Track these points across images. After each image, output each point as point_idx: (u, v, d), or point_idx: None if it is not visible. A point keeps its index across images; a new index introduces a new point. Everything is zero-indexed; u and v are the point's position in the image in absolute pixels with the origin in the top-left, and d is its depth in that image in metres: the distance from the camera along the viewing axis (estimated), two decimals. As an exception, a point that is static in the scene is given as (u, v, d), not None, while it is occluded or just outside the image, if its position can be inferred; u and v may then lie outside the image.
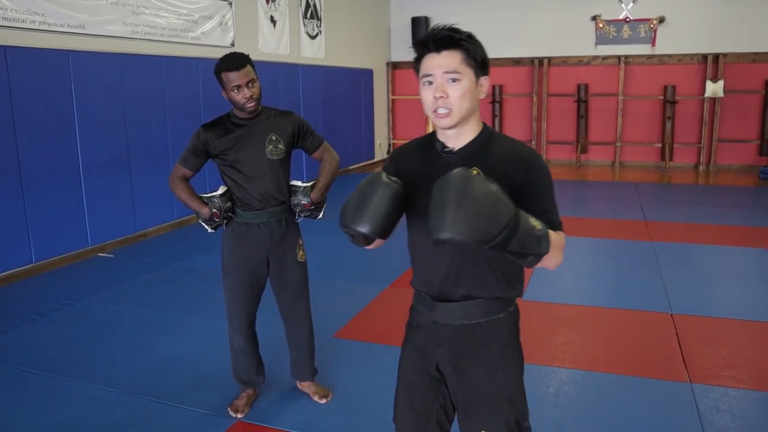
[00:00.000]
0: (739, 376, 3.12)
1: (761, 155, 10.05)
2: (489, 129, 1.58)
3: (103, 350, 3.55)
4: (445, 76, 1.46)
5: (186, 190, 2.67)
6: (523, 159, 1.50)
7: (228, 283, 2.73)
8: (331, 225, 2.83)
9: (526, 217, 1.33)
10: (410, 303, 1.82)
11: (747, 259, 5.21)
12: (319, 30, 9.37)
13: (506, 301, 1.59)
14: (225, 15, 7.11)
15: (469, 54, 1.47)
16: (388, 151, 12.18)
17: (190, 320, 3.95)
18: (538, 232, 1.33)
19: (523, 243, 1.32)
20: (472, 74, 1.48)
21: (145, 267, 5.14)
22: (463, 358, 1.59)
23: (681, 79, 10.26)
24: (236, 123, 2.61)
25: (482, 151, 1.53)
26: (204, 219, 2.64)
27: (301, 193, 2.70)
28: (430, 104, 1.50)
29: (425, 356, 1.65)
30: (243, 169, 2.59)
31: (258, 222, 2.64)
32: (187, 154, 2.65)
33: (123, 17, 5.70)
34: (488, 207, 1.26)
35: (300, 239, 2.79)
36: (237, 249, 2.68)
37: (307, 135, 2.74)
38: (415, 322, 1.71)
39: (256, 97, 2.54)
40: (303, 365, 2.91)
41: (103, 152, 5.51)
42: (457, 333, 1.59)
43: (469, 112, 1.50)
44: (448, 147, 1.55)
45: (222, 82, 2.51)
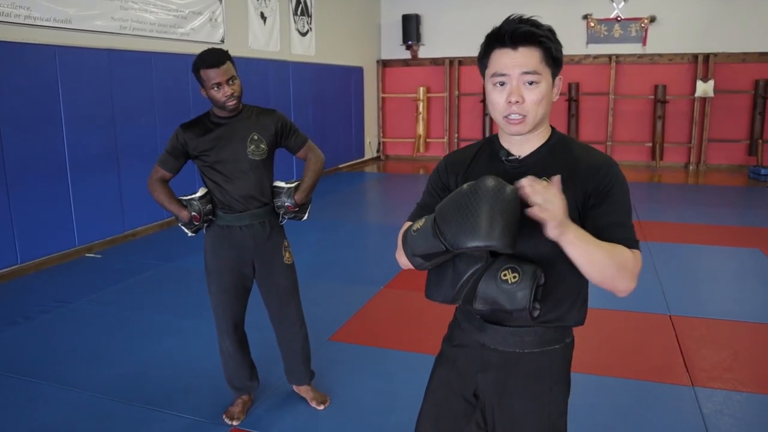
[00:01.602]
0: (741, 379, 3.09)
1: (750, 155, 10.10)
2: (558, 133, 1.41)
3: (90, 354, 3.45)
4: (522, 77, 1.29)
5: (165, 192, 2.57)
6: (598, 166, 1.33)
7: (213, 287, 2.64)
8: (319, 225, 2.77)
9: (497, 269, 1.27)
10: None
11: (741, 259, 5.20)
12: (309, 27, 9.27)
13: (565, 331, 1.45)
14: (215, 11, 7.00)
15: (549, 52, 1.30)
16: (378, 150, 12.11)
17: (181, 322, 3.86)
18: (508, 286, 1.25)
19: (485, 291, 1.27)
20: (550, 75, 1.32)
21: (134, 268, 5.03)
22: (510, 389, 1.44)
23: (672, 79, 10.28)
24: (216, 122, 2.52)
25: (552, 158, 1.37)
26: (183, 222, 2.55)
27: (285, 195, 2.61)
28: (501, 109, 1.32)
29: (464, 379, 1.50)
30: (224, 170, 2.50)
31: (240, 225, 2.55)
32: (165, 155, 2.56)
33: (111, 12, 5.58)
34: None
35: (285, 241, 2.70)
36: (220, 253, 2.59)
37: (291, 134, 2.65)
38: (457, 340, 1.53)
39: (238, 95, 2.44)
40: (298, 370, 2.83)
41: (91, 150, 5.39)
42: (505, 360, 1.43)
43: (544, 118, 1.35)
44: (513, 154, 1.39)
45: (201, 80, 2.40)
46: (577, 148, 1.40)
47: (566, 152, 1.38)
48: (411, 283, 4.55)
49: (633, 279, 1.26)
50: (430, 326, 3.73)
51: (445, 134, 11.71)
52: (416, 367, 3.23)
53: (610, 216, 1.30)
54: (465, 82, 11.48)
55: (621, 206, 1.32)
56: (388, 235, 6.54)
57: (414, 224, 1.33)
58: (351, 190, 8.87)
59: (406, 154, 12.08)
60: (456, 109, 11.57)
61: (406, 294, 4.32)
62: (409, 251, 1.33)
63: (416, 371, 3.18)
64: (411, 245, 1.31)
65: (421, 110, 11.59)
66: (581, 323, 1.45)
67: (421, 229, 1.29)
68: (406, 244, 1.34)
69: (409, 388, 3.01)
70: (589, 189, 1.31)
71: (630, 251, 1.27)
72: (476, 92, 11.32)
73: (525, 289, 1.25)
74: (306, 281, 2.93)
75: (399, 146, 12.18)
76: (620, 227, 1.30)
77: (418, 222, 1.32)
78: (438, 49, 11.45)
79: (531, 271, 1.26)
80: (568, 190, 1.28)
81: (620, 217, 1.31)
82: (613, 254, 1.23)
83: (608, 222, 1.29)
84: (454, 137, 11.69)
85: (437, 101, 11.70)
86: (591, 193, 1.31)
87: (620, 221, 1.31)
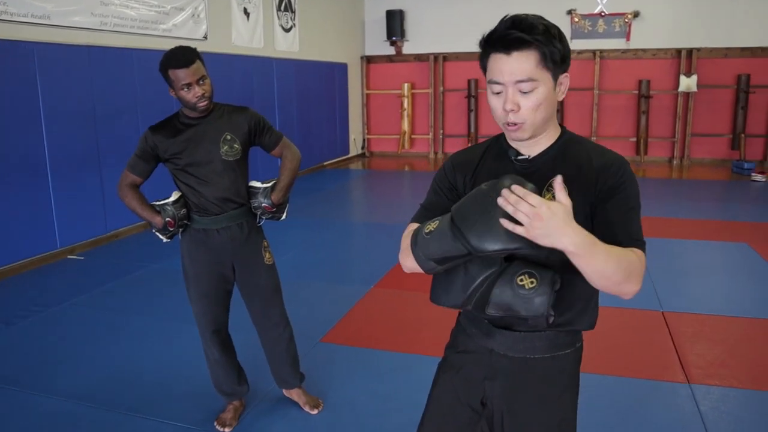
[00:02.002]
0: (737, 376, 3.08)
1: (733, 149, 10.17)
2: (568, 132, 1.38)
3: (73, 359, 3.35)
4: (516, 86, 1.24)
5: (136, 198, 2.47)
6: (608, 165, 1.29)
7: (192, 293, 2.55)
8: (304, 223, 2.71)
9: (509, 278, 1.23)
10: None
11: (729, 253, 5.22)
12: (293, 23, 9.17)
13: (575, 335, 1.42)
14: (197, 6, 6.88)
15: (546, 55, 1.23)
16: (362, 146, 12.04)
17: (168, 326, 3.77)
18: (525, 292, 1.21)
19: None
20: (549, 77, 1.25)
21: (119, 269, 4.92)
22: (520, 396, 1.40)
23: (655, 74, 10.32)
24: (186, 123, 2.41)
25: (562, 158, 1.33)
26: (158, 229, 2.45)
27: (261, 195, 2.52)
28: (499, 115, 1.29)
29: (471, 386, 1.45)
30: (197, 173, 2.40)
31: (217, 227, 2.46)
32: (135, 159, 2.45)
33: (91, 8, 5.44)
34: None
35: (265, 241, 2.62)
36: (197, 257, 2.50)
37: (265, 131, 2.55)
38: (463, 346, 1.48)
39: (209, 96, 2.34)
40: (286, 373, 2.75)
41: (72, 149, 5.26)
42: (515, 366, 1.39)
43: (545, 122, 1.30)
44: (523, 154, 1.35)
45: (169, 81, 2.30)
46: (587, 146, 1.36)
47: (577, 151, 1.34)
48: (401, 282, 4.50)
49: (638, 282, 1.22)
50: (423, 326, 3.69)
51: (430, 130, 11.66)
52: (411, 367, 3.19)
53: (619, 214, 1.26)
54: (450, 78, 11.44)
55: (630, 204, 1.28)
56: (375, 233, 6.52)
57: (425, 226, 1.26)
58: (336, 188, 8.79)
59: (391, 150, 12.02)
60: (441, 105, 11.53)
61: (396, 293, 4.27)
62: (420, 255, 1.26)
63: (411, 372, 3.14)
64: (425, 248, 1.24)
65: (406, 106, 11.53)
66: (592, 327, 1.41)
67: (436, 232, 1.22)
68: (417, 246, 1.26)
69: (405, 389, 2.96)
70: (600, 187, 1.28)
71: (635, 253, 1.23)
72: (461, 88, 11.28)
73: (543, 295, 1.20)
74: (293, 282, 2.86)
75: (384, 143, 12.11)
76: (627, 226, 1.26)
77: (429, 224, 1.26)
78: (422, 44, 11.39)
79: (549, 276, 1.22)
80: (578, 189, 1.26)
81: (628, 216, 1.27)
82: (620, 260, 1.18)
83: (616, 220, 1.26)
84: (439, 133, 11.65)
85: (422, 97, 11.65)
86: (601, 191, 1.28)
87: (628, 220, 1.27)
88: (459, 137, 11.56)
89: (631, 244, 1.24)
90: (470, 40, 11.05)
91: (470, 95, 11.14)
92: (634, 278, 1.21)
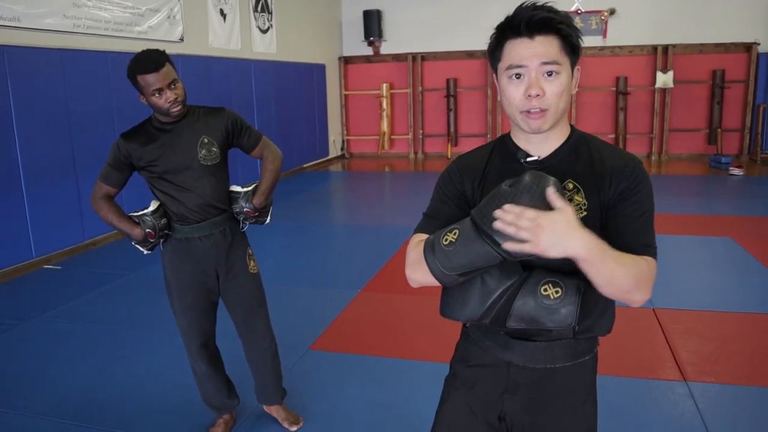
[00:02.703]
0: (732, 372, 3.07)
1: (710, 144, 10.29)
2: (578, 131, 1.32)
3: (51, 375, 3.21)
4: (542, 68, 1.18)
5: (112, 210, 2.34)
6: (622, 167, 1.24)
7: (177, 306, 2.44)
8: (286, 228, 2.62)
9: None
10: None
11: (714, 248, 5.24)
12: (270, 24, 9.05)
13: (593, 341, 1.37)
14: (173, 8, 6.73)
15: (568, 40, 1.20)
16: (342, 148, 11.95)
17: (151, 337, 3.65)
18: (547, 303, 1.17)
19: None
20: (569, 66, 1.21)
21: (98, 279, 4.77)
22: (543, 408, 1.35)
23: (632, 71, 10.40)
24: (160, 128, 2.29)
25: (574, 158, 1.27)
26: (137, 241, 2.33)
27: (243, 199, 2.41)
28: (518, 103, 1.21)
29: (488, 402, 1.38)
30: (175, 180, 2.29)
31: (199, 236, 2.35)
32: (107, 169, 2.32)
33: (63, 9, 5.28)
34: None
35: (249, 249, 2.52)
36: (180, 268, 2.39)
37: (243, 132, 2.43)
38: (476, 360, 1.40)
39: (182, 100, 2.23)
40: (268, 388, 2.65)
41: (46, 156, 5.10)
42: (536, 378, 1.33)
43: (564, 113, 1.25)
44: (533, 156, 1.29)
45: (139, 87, 2.18)
46: (599, 146, 1.30)
47: (589, 151, 1.28)
48: (389, 285, 4.43)
49: (647, 291, 1.19)
50: (415, 330, 3.62)
51: (410, 130, 11.61)
52: (405, 374, 3.13)
53: (632, 219, 1.23)
54: (428, 78, 11.40)
55: (643, 209, 1.24)
56: (359, 236, 6.44)
57: (441, 237, 1.18)
58: (317, 190, 8.69)
59: (370, 151, 11.95)
60: (420, 105, 11.48)
61: (385, 297, 4.20)
62: (438, 267, 1.17)
63: (405, 379, 3.07)
64: (445, 261, 1.16)
65: (385, 107, 11.46)
66: (609, 332, 1.37)
67: (460, 241, 1.14)
68: (436, 259, 1.18)
69: (401, 397, 2.89)
70: (613, 190, 1.24)
71: (645, 261, 1.19)
72: (440, 87, 11.25)
73: (570, 305, 1.16)
74: (278, 288, 2.76)
75: (363, 144, 12.04)
76: (640, 232, 1.23)
77: (446, 234, 1.18)
78: (400, 44, 11.34)
79: (575, 285, 1.17)
80: (591, 191, 1.23)
81: (641, 221, 1.23)
82: (630, 267, 1.15)
83: (628, 225, 1.22)
84: (418, 133, 11.60)
85: (401, 97, 11.59)
86: (614, 194, 1.23)
87: (641, 225, 1.23)
88: (438, 137, 11.53)
89: (642, 251, 1.21)
90: (448, 39, 11.09)
91: (449, 95, 11.12)
92: (642, 287, 1.18)
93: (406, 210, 6.99)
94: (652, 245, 1.23)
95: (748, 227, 5.87)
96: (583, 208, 1.24)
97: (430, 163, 11.01)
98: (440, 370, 3.08)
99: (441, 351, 3.33)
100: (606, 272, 1.12)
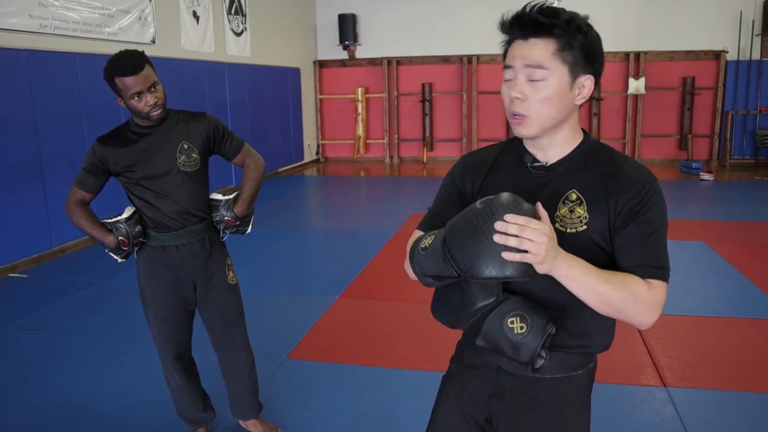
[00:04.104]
0: (711, 377, 3.07)
1: (681, 149, 10.46)
2: (592, 139, 1.27)
3: (19, 389, 3.08)
4: (524, 71, 1.15)
5: (85, 216, 2.25)
6: (632, 183, 1.17)
7: (152, 316, 2.35)
8: (261, 234, 2.55)
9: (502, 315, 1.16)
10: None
11: (690, 252, 5.28)
12: (244, 27, 8.94)
13: (588, 356, 1.32)
14: (144, 9, 6.59)
15: (565, 44, 1.14)
16: (317, 152, 11.86)
17: (124, 347, 3.53)
18: (513, 336, 1.15)
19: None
20: (566, 72, 1.15)
21: (67, 287, 4.62)
22: (528, 418, 1.31)
23: (605, 77, 10.22)
24: (139, 132, 2.21)
25: (585, 167, 1.22)
26: (111, 249, 2.24)
27: (224, 208, 2.33)
28: (506, 105, 1.20)
29: (477, 404, 1.36)
30: (153, 186, 2.21)
31: (177, 244, 2.27)
32: (83, 174, 2.23)
33: (29, 9, 5.13)
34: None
35: (228, 259, 2.44)
36: (156, 277, 2.30)
37: (225, 138, 2.36)
38: (469, 360, 1.39)
39: (162, 103, 2.15)
40: (244, 402, 2.56)
41: (11, 160, 4.94)
42: (523, 386, 1.30)
43: (554, 122, 1.18)
44: (539, 161, 1.24)
45: (117, 89, 2.09)
46: (614, 157, 1.24)
47: (601, 161, 1.22)
48: (367, 292, 4.37)
49: (651, 312, 1.14)
50: (395, 337, 3.57)
51: (385, 135, 11.58)
52: (385, 382, 3.07)
53: (638, 239, 1.16)
54: (403, 82, 11.39)
55: (652, 228, 1.17)
56: (336, 241, 6.37)
57: (423, 240, 1.18)
58: (292, 195, 8.59)
59: (346, 155, 11.88)
60: (395, 109, 11.46)
61: (363, 303, 4.14)
62: (417, 270, 1.18)
63: (386, 387, 3.02)
64: (420, 264, 1.17)
65: (360, 111, 11.41)
66: (607, 348, 1.34)
67: (430, 249, 1.14)
68: (414, 261, 1.18)
69: (381, 406, 2.84)
70: (621, 208, 1.17)
71: (644, 282, 1.14)
72: (415, 92, 11.25)
73: (530, 345, 1.14)
74: (254, 295, 2.69)
75: (339, 148, 11.97)
76: (647, 253, 1.16)
77: (426, 238, 1.17)
78: (375, 48, 11.31)
79: (541, 325, 1.15)
80: (594, 205, 1.17)
81: (649, 242, 1.16)
82: (620, 286, 1.11)
83: (634, 244, 1.16)
84: (394, 138, 11.57)
85: (376, 101, 11.56)
86: (623, 210, 1.17)
87: (648, 245, 1.16)
88: (414, 141, 11.51)
89: (649, 274, 1.15)
90: (423, 44, 11.09)
91: (424, 99, 11.11)
92: (640, 306, 1.13)
93: (383, 215, 6.95)
94: (662, 267, 1.17)
95: (721, 232, 5.96)
96: (583, 221, 1.18)
97: (405, 168, 10.99)
98: (421, 378, 3.05)
99: (421, 359, 3.29)
100: (590, 287, 1.09)
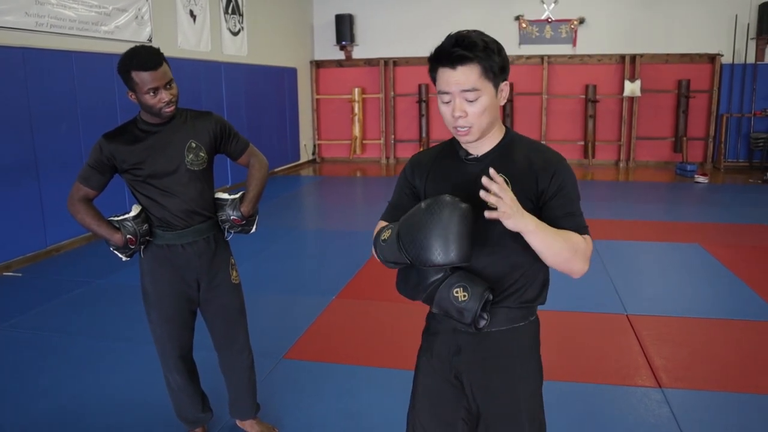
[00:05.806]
0: (705, 378, 3.09)
1: (676, 152, 10.49)
2: (511, 132, 1.55)
3: (13, 390, 3.07)
4: (462, 94, 1.41)
5: (91, 214, 2.22)
6: (548, 162, 1.48)
7: (155, 317, 2.34)
8: (257, 234, 2.56)
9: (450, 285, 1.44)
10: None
11: (684, 254, 5.31)
12: (241, 26, 8.93)
13: (528, 309, 1.57)
14: (141, 8, 6.58)
15: (487, 67, 1.40)
16: (314, 152, 11.86)
17: (119, 347, 3.52)
18: (459, 303, 1.43)
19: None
20: (491, 86, 1.42)
21: (61, 286, 4.60)
22: (483, 367, 1.56)
23: (601, 79, 10.55)
24: (146, 130, 2.20)
25: (507, 156, 1.51)
26: (116, 247, 2.22)
27: (230, 207, 2.34)
28: (449, 121, 1.45)
29: (445, 364, 1.60)
30: (160, 184, 2.20)
31: (182, 243, 2.26)
32: (88, 170, 2.21)
33: (25, 7, 5.11)
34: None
35: (232, 258, 2.45)
36: (161, 276, 2.29)
37: (231, 138, 2.37)
38: (433, 329, 1.64)
39: (176, 101, 2.16)
40: (243, 402, 2.57)
41: (6, 158, 4.92)
42: (477, 341, 1.55)
43: (490, 125, 1.47)
44: (472, 154, 1.52)
45: (131, 83, 2.08)
46: (527, 145, 1.53)
47: (519, 150, 1.51)
48: (363, 292, 4.38)
49: (586, 261, 1.44)
50: (391, 337, 3.57)
51: (382, 135, 11.59)
52: (382, 382, 3.07)
53: (563, 208, 1.45)
54: (400, 83, 11.40)
55: (571, 198, 1.47)
56: (332, 241, 6.36)
57: (383, 232, 1.46)
58: (288, 196, 8.58)
59: (342, 156, 11.88)
60: (392, 109, 11.47)
61: (359, 304, 4.14)
62: (381, 257, 1.47)
63: (382, 387, 3.02)
64: (382, 253, 1.46)
65: (357, 111, 11.42)
66: (543, 302, 1.59)
67: (388, 241, 1.43)
68: (377, 250, 1.47)
69: (378, 406, 2.84)
70: (541, 187, 1.46)
71: (581, 237, 1.44)
72: (412, 92, 11.26)
73: (471, 309, 1.42)
74: (250, 295, 2.68)
75: (335, 148, 11.96)
76: (572, 216, 1.45)
77: (386, 231, 1.45)
78: (372, 49, 11.31)
79: (479, 292, 1.42)
80: (523, 185, 1.45)
81: (571, 208, 1.46)
82: (567, 240, 1.39)
83: (562, 213, 1.45)
84: (390, 138, 11.58)
85: (373, 102, 11.56)
86: (545, 188, 1.46)
87: (571, 211, 1.46)
88: (410, 142, 11.52)
89: (578, 231, 1.45)
90: (420, 44, 11.08)
91: (421, 100, 11.13)
92: (580, 256, 1.41)
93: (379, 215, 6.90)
94: (584, 225, 1.47)
95: (715, 234, 5.98)
96: None
97: (401, 168, 10.95)
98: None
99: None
100: (548, 241, 1.36)
